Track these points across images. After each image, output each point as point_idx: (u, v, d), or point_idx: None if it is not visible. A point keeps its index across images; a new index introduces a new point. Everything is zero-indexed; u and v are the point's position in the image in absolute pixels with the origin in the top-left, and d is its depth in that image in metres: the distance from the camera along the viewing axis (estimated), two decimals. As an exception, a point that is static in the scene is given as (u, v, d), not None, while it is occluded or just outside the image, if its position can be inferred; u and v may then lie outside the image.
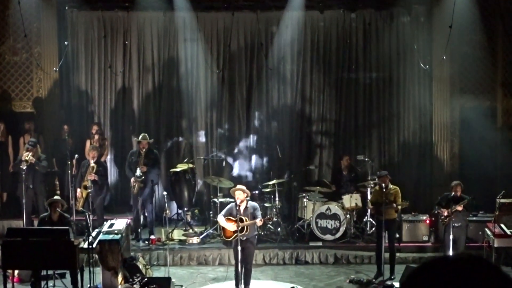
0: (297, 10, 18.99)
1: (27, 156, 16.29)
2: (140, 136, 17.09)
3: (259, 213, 13.51)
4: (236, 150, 19.76)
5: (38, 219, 14.57)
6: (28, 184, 16.41)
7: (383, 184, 14.72)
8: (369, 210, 16.81)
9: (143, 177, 16.61)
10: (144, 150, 16.91)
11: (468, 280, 1.88)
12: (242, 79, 19.66)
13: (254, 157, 19.69)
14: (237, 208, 13.23)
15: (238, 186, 13.78)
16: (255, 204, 13.80)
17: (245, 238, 13.20)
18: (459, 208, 14.82)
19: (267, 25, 19.55)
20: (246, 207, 13.35)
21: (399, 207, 15.00)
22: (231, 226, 13.35)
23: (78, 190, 16.64)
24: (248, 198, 13.59)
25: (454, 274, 1.91)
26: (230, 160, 19.60)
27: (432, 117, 19.13)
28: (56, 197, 14.60)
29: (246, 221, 13.22)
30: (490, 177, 18.26)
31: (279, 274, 15.69)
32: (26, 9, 17.82)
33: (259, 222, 13.46)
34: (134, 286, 12.43)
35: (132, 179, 16.80)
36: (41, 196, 16.78)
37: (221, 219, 13.57)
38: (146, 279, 12.80)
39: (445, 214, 14.89)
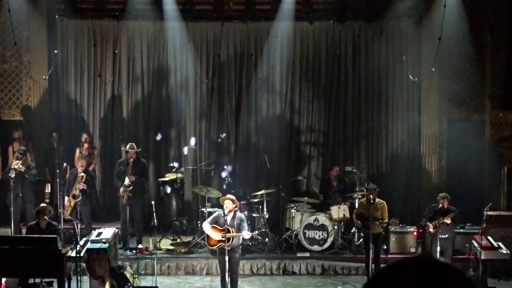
0: (287, 21, 19.02)
1: (16, 164, 16.28)
2: (128, 146, 17.06)
3: (245, 225, 13.55)
4: (224, 160, 19.75)
5: (26, 227, 14.55)
6: (17, 192, 16.40)
7: (371, 196, 14.79)
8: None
9: (131, 187, 16.60)
10: (132, 159, 16.91)
11: (423, 279, 2.02)
12: (231, 89, 19.67)
13: (242, 167, 19.68)
14: (225, 217, 13.24)
15: (228, 196, 13.81)
16: (242, 216, 13.80)
17: (229, 248, 13.21)
18: (447, 221, 14.88)
19: (256, 35, 19.58)
20: (233, 217, 13.36)
21: (385, 223, 15.06)
22: (215, 235, 13.36)
23: (66, 198, 16.61)
24: (236, 209, 13.61)
25: (408, 277, 2.04)
26: (218, 170, 19.57)
27: (420, 129, 19.16)
28: (43, 204, 14.57)
29: (232, 231, 13.23)
30: (477, 190, 18.28)
31: (267, 285, 15.71)
32: (16, 17, 17.86)
33: (246, 235, 13.48)
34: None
35: (121, 189, 16.77)
36: (30, 205, 16.66)
37: (206, 226, 13.55)
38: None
39: (431, 229, 14.95)
